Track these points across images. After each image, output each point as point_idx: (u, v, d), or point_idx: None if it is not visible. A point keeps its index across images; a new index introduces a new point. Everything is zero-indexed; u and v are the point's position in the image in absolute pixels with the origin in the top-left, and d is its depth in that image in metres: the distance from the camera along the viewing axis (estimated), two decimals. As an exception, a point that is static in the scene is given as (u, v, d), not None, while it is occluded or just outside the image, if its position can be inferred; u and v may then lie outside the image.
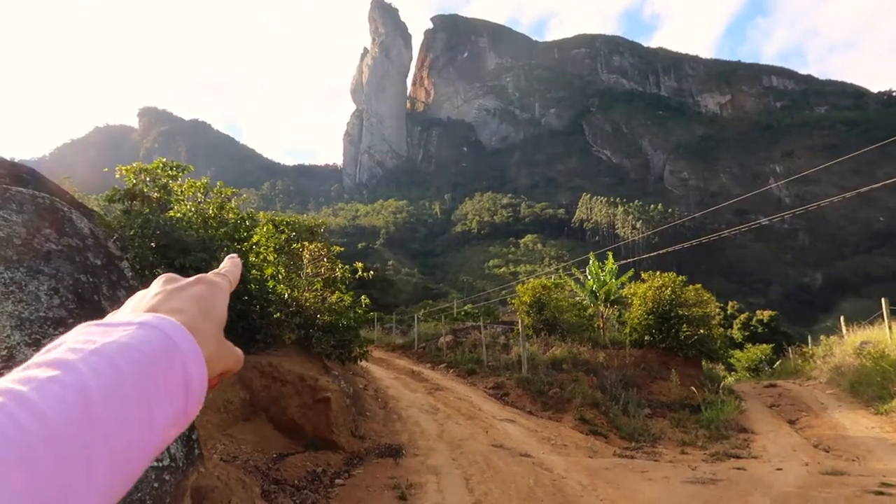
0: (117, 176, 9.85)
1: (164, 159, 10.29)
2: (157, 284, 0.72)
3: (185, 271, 8.99)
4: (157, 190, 9.68)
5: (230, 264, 0.85)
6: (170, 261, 8.90)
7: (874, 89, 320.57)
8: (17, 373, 0.48)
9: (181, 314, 0.63)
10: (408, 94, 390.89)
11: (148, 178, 9.84)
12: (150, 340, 0.54)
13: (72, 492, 0.43)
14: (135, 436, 0.49)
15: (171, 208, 9.81)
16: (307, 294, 11.08)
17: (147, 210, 9.20)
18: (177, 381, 0.55)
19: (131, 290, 7.10)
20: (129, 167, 9.81)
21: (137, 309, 0.66)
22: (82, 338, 0.53)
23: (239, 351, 0.72)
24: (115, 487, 0.47)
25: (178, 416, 0.55)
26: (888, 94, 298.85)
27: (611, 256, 23.03)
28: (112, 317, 0.67)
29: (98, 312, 6.21)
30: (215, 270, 0.82)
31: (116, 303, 6.80)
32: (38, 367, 0.48)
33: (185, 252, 9.01)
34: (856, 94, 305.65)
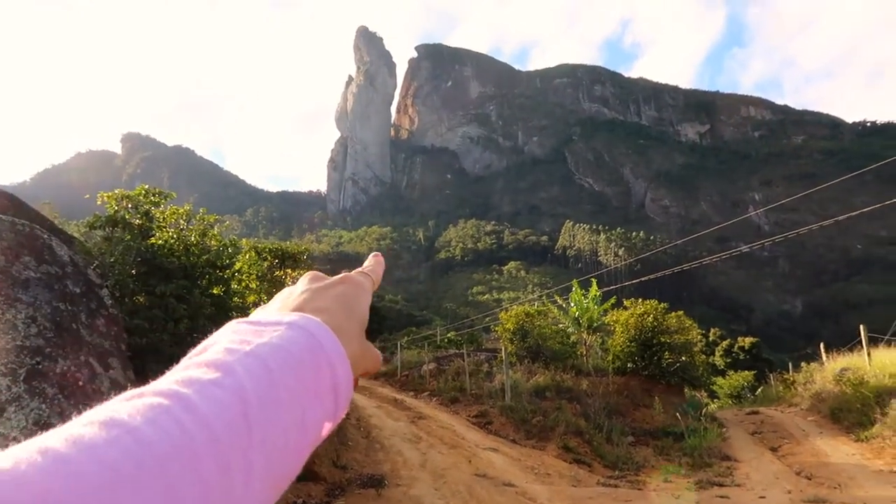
0: (99, 202, 9.78)
1: (147, 186, 10.25)
2: (304, 282, 0.72)
3: (166, 299, 8.90)
4: (138, 216, 9.62)
5: (374, 262, 0.85)
6: (151, 288, 8.83)
7: (849, 119, 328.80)
8: (178, 373, 0.49)
9: (326, 314, 0.63)
10: (392, 121, 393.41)
11: (130, 205, 9.78)
12: (298, 341, 0.54)
13: (233, 499, 0.43)
14: (289, 439, 0.50)
15: (153, 235, 9.75)
16: (289, 321, 11.00)
17: (128, 237, 9.13)
18: (325, 382, 0.55)
19: (110, 319, 7.02)
20: (110, 193, 9.76)
21: (284, 307, 0.67)
22: (237, 338, 0.54)
23: (378, 352, 0.71)
24: (270, 492, 0.48)
25: (327, 417, 0.55)
26: (863, 124, 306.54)
27: (594, 283, 23.15)
28: (261, 312, 0.68)
29: (76, 341, 6.13)
30: (359, 269, 0.81)
31: (95, 331, 6.72)
32: (197, 368, 0.49)
33: (166, 279, 8.94)
34: (832, 125, 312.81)
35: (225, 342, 0.53)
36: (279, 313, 0.61)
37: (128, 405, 0.43)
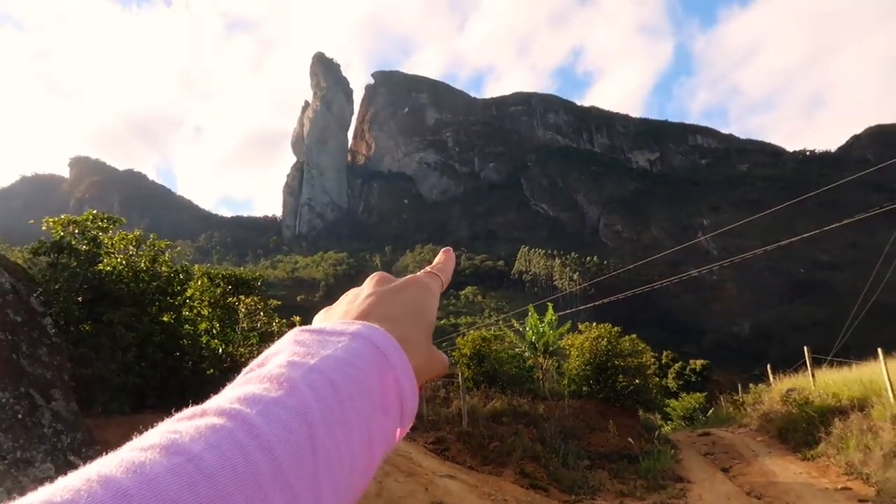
0: (44, 228, 9.51)
1: (95, 211, 10.01)
2: (370, 284, 0.70)
3: (114, 326, 8.65)
4: (86, 242, 9.38)
5: (444, 259, 0.83)
6: (98, 315, 8.58)
7: (790, 148, 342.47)
8: (241, 388, 0.47)
9: (392, 322, 0.60)
10: (349, 146, 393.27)
11: (77, 231, 9.53)
12: (364, 354, 0.52)
13: None
14: (356, 459, 0.48)
15: (101, 261, 9.50)
16: (242, 349, 10.81)
17: (75, 263, 8.88)
18: (391, 396, 0.53)
19: (53, 348, 6.79)
20: (56, 219, 9.50)
21: (350, 311, 0.64)
22: (301, 349, 0.51)
23: (444, 356, 0.68)
24: None
25: (393, 432, 0.54)
26: (802, 153, 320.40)
27: (550, 308, 23.37)
28: (325, 315, 0.67)
29: (16, 372, 5.90)
30: (427, 268, 0.79)
31: (37, 360, 6.48)
32: (259, 383, 0.47)
33: (114, 306, 8.70)
34: (773, 153, 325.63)
35: (288, 353, 0.51)
36: (343, 322, 0.58)
37: (189, 426, 0.41)
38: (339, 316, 0.65)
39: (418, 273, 0.76)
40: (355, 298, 0.68)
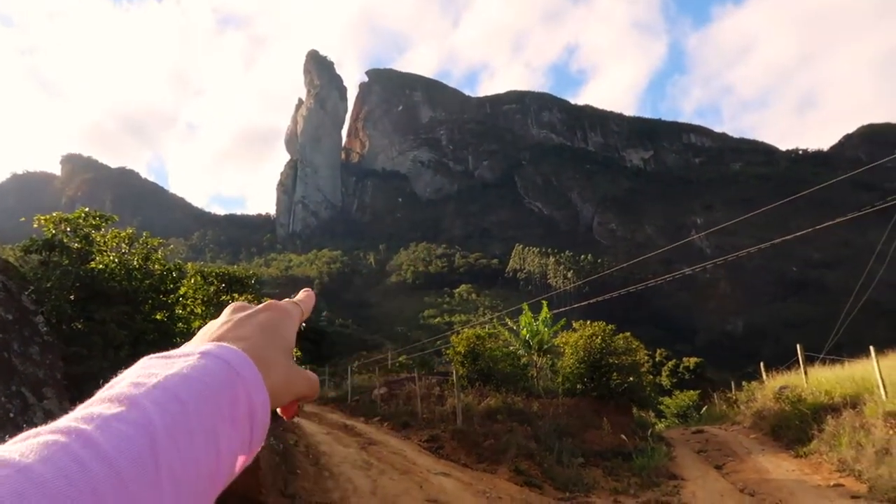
0: (35, 225, 9.45)
1: (87, 209, 9.96)
2: (227, 313, 0.70)
3: (106, 325, 8.61)
4: (77, 240, 9.32)
5: (305, 296, 0.85)
6: (90, 313, 8.53)
7: (783, 147, 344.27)
8: (81, 410, 0.47)
9: (245, 342, 0.62)
10: (343, 145, 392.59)
11: (69, 228, 9.47)
12: (213, 371, 0.53)
13: None
14: (202, 469, 0.48)
15: (93, 259, 9.45)
16: (236, 347, 10.76)
17: (66, 261, 8.83)
18: (242, 410, 0.54)
19: (45, 346, 6.74)
20: (47, 216, 9.44)
21: (204, 338, 0.65)
22: (144, 371, 0.52)
23: (313, 375, 0.70)
24: None
25: (243, 445, 0.54)
26: (795, 152, 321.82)
27: (545, 305, 23.39)
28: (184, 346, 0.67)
29: (7, 370, 5.85)
30: (289, 298, 0.81)
31: (28, 359, 6.44)
32: (101, 403, 0.47)
33: (106, 304, 8.66)
34: (767, 152, 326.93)
35: (132, 377, 0.52)
36: (194, 345, 0.59)
37: (20, 445, 0.41)
38: (195, 344, 0.64)
39: (283, 301, 0.77)
40: (210, 327, 0.67)
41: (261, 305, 0.72)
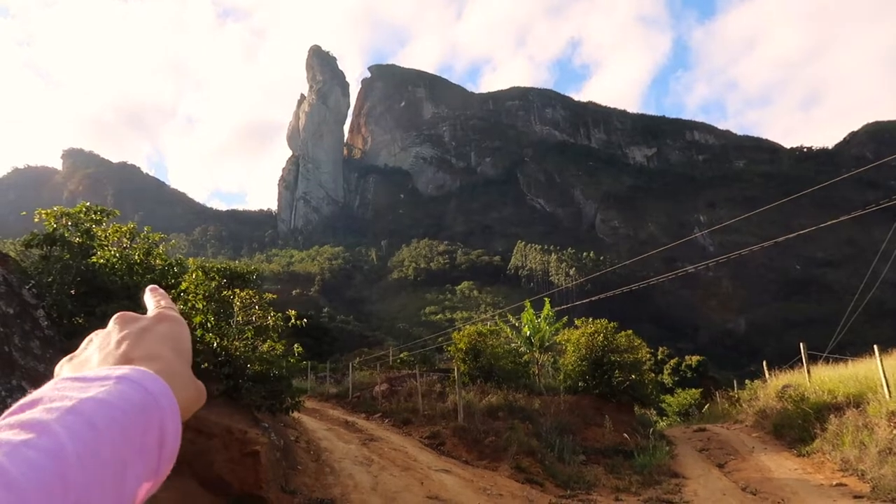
0: (36, 220, 9.42)
1: (88, 203, 9.93)
2: (118, 326, 0.68)
3: (107, 319, 8.58)
4: (79, 235, 9.29)
5: (155, 296, 0.82)
6: (90, 308, 8.51)
7: (787, 145, 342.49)
8: None
9: (158, 362, 0.60)
10: (345, 140, 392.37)
11: (70, 223, 9.45)
12: (130, 397, 0.51)
13: None
14: (108, 497, 0.47)
15: (94, 254, 9.42)
16: (237, 343, 10.74)
17: (67, 256, 8.80)
18: (152, 439, 0.52)
19: (46, 340, 6.72)
20: (48, 211, 9.41)
21: (105, 354, 0.62)
22: (59, 394, 0.50)
23: (202, 385, 0.67)
24: None
25: (149, 475, 0.53)
26: (799, 149, 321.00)
27: (547, 303, 23.36)
28: (74, 363, 0.65)
29: (8, 365, 5.83)
30: (163, 305, 0.78)
31: (29, 354, 6.41)
32: (11, 429, 0.45)
33: (107, 299, 8.63)
34: (770, 150, 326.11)
35: (46, 400, 0.50)
36: (108, 367, 0.57)
37: None
38: (98, 363, 0.62)
39: (162, 307, 0.75)
40: (106, 343, 0.65)
41: (152, 316, 0.70)
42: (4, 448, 0.43)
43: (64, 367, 0.67)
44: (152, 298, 0.81)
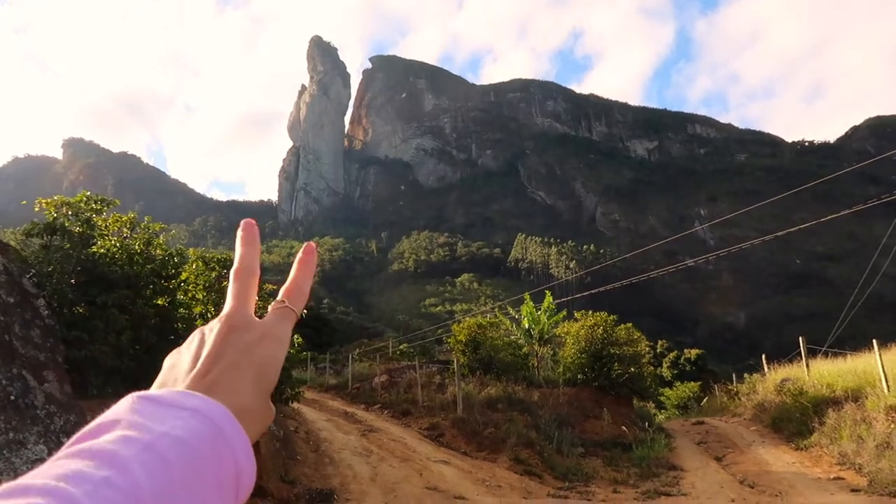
0: (36, 209, 9.41)
1: (88, 192, 9.91)
2: (219, 333, 0.65)
3: (107, 309, 8.59)
4: (79, 224, 9.29)
5: (300, 267, 0.79)
6: (91, 298, 8.52)
7: (788, 139, 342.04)
8: (65, 461, 0.45)
9: (237, 395, 0.59)
10: (346, 132, 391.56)
11: (70, 212, 9.44)
12: (203, 434, 0.51)
13: None
14: None
15: (95, 243, 9.42)
16: (237, 333, 10.76)
17: (68, 245, 8.80)
18: (228, 473, 0.52)
19: (47, 329, 6.73)
20: (49, 200, 9.40)
21: (195, 375, 0.61)
22: (137, 421, 0.50)
23: (272, 408, 0.66)
24: None
25: None
26: (801, 143, 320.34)
27: (548, 295, 23.36)
28: (173, 363, 0.65)
29: (9, 353, 5.84)
30: (279, 298, 0.75)
31: (30, 342, 6.42)
32: (89, 460, 0.45)
33: (108, 289, 8.64)
34: (772, 143, 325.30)
35: (123, 426, 0.49)
36: (183, 393, 0.56)
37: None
38: (184, 374, 0.62)
39: (270, 316, 0.72)
40: (200, 347, 0.64)
41: (258, 333, 0.67)
42: (86, 486, 0.42)
43: (166, 361, 0.67)
44: (294, 270, 0.78)
